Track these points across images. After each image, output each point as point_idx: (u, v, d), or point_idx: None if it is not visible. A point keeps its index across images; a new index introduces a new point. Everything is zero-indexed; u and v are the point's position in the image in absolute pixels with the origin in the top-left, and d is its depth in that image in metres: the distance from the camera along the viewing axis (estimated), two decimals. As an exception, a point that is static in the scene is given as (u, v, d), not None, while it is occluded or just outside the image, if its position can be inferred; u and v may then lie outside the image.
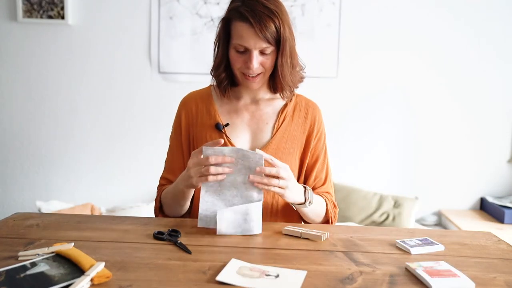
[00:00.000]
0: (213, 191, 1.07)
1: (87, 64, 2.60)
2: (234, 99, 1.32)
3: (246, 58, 1.18)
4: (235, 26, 1.18)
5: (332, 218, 1.28)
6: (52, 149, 2.65)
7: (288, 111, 1.31)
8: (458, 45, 2.59)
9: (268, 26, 1.14)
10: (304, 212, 1.20)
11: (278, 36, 1.16)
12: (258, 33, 1.14)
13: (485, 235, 1.11)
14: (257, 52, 1.17)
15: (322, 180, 1.31)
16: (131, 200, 2.64)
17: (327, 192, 1.31)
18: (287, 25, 1.18)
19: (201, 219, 1.08)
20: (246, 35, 1.15)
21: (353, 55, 2.59)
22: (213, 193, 1.07)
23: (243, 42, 1.16)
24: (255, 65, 1.18)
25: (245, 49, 1.18)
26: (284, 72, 1.22)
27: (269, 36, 1.15)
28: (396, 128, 2.66)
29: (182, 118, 1.32)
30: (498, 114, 2.64)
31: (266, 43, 1.16)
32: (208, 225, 1.08)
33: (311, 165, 1.31)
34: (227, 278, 0.79)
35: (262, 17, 1.13)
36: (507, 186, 2.68)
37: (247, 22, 1.14)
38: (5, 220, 1.14)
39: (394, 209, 2.43)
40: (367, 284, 0.80)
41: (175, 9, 2.56)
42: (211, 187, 1.07)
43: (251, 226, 1.04)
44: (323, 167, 1.32)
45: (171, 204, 1.24)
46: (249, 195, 1.06)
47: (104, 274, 0.78)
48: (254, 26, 1.13)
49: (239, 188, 1.06)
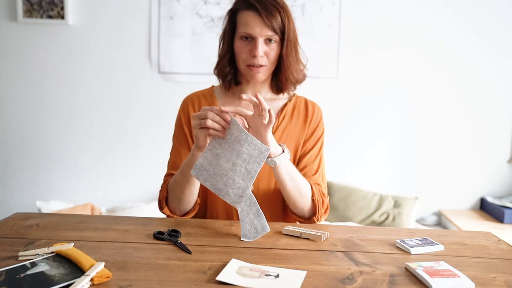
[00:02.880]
0: (216, 154, 1.07)
1: (87, 64, 2.60)
2: (236, 98, 1.33)
3: (252, 47, 1.21)
4: (241, 15, 1.21)
5: (319, 204, 1.21)
6: (52, 149, 2.66)
7: (287, 110, 1.32)
8: (458, 46, 2.59)
9: (274, 15, 1.18)
10: (282, 175, 1.14)
11: (283, 27, 1.20)
12: (264, 20, 1.17)
13: (485, 235, 1.11)
14: (263, 40, 1.20)
15: (313, 170, 1.28)
16: (131, 200, 2.65)
17: (317, 184, 1.27)
18: (291, 19, 1.23)
19: (195, 169, 1.08)
20: (252, 23, 1.18)
21: (353, 55, 2.59)
22: (215, 156, 1.07)
23: (249, 30, 1.19)
24: (260, 52, 1.19)
25: (250, 38, 1.20)
26: (289, 62, 1.24)
27: (275, 25, 1.18)
28: (396, 128, 2.66)
29: (186, 116, 1.33)
30: (498, 114, 2.64)
31: (272, 31, 1.19)
32: (197, 177, 1.08)
33: (303, 155, 1.30)
34: (227, 278, 0.79)
35: (268, 6, 1.18)
36: (507, 186, 2.68)
37: (253, 9, 1.18)
38: (5, 220, 1.14)
39: (394, 209, 2.43)
40: (367, 284, 0.80)
41: (175, 9, 2.56)
42: (215, 149, 1.07)
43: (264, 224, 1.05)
44: (316, 159, 1.30)
45: (181, 186, 1.19)
46: (240, 178, 1.05)
47: (104, 274, 0.78)
48: (261, 12, 1.17)
49: (236, 166, 1.05)
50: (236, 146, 1.05)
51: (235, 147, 1.05)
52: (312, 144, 1.31)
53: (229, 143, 1.06)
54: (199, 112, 1.06)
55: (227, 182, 1.07)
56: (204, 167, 1.08)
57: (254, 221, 1.04)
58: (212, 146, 1.08)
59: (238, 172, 1.06)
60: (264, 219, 1.04)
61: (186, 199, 1.21)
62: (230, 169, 1.06)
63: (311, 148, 1.31)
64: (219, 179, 1.07)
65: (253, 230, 1.03)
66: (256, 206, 1.05)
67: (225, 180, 1.07)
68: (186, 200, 1.21)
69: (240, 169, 1.06)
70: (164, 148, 1.50)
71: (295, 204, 1.20)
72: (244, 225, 1.04)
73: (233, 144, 1.06)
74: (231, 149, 1.06)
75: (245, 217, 1.05)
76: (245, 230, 1.04)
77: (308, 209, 1.22)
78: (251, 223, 1.04)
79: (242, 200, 1.06)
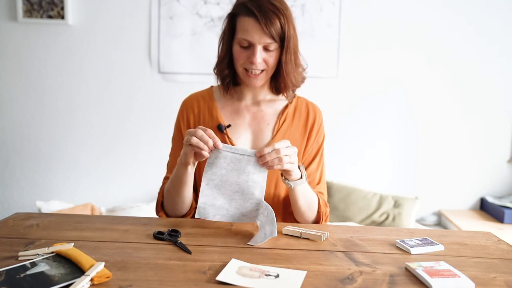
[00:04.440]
0: (214, 185, 1.07)
1: (87, 64, 2.60)
2: (236, 99, 1.33)
3: (250, 54, 1.19)
4: (240, 21, 1.19)
5: (323, 216, 1.25)
6: (52, 149, 2.66)
7: (288, 112, 1.31)
8: (458, 46, 2.59)
9: (274, 22, 1.16)
10: (297, 195, 1.16)
11: (283, 34, 1.18)
12: (263, 28, 1.15)
13: (485, 235, 1.11)
14: (261, 47, 1.19)
15: (316, 180, 1.31)
16: (131, 200, 2.65)
17: (320, 192, 1.30)
18: (291, 24, 1.21)
19: (199, 211, 1.08)
20: (251, 30, 1.17)
21: (353, 55, 2.59)
22: (214, 187, 1.07)
23: (248, 37, 1.17)
24: (258, 59, 1.18)
25: (249, 44, 1.19)
26: (288, 69, 1.23)
27: (274, 32, 1.17)
28: (396, 128, 2.66)
29: (185, 118, 1.32)
30: (498, 114, 2.64)
31: (270, 39, 1.17)
32: (205, 217, 1.08)
33: (306, 164, 1.31)
34: (227, 278, 0.79)
35: (268, 13, 1.16)
36: (507, 186, 2.68)
37: (253, 16, 1.16)
38: (5, 220, 1.14)
39: (394, 209, 2.43)
40: (367, 284, 0.80)
41: (175, 9, 2.56)
42: (212, 181, 1.07)
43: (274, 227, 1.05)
44: (318, 167, 1.32)
45: (172, 194, 1.20)
46: (250, 192, 1.06)
47: (104, 274, 0.78)
48: (260, 20, 1.15)
49: (241, 184, 1.06)
50: (235, 166, 1.05)
51: (234, 167, 1.05)
52: (314, 152, 1.31)
53: (225, 167, 1.05)
54: (192, 129, 1.06)
55: (237, 205, 1.06)
56: (208, 204, 1.06)
57: (266, 227, 1.03)
58: (207, 180, 1.06)
59: (245, 188, 1.05)
60: (276, 225, 1.02)
61: (180, 206, 1.22)
62: (237, 190, 1.05)
63: (314, 157, 1.31)
64: (227, 207, 1.06)
65: (262, 236, 1.01)
66: (272, 214, 1.03)
67: (234, 204, 1.06)
68: (180, 207, 1.23)
69: (247, 184, 1.05)
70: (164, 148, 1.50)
71: (303, 216, 1.23)
72: (259, 233, 1.02)
73: (230, 165, 1.05)
74: (230, 170, 1.05)
75: (262, 227, 1.03)
76: (256, 237, 1.02)
77: (312, 220, 1.26)
78: (264, 230, 1.03)
79: (259, 213, 1.06)
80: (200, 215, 1.07)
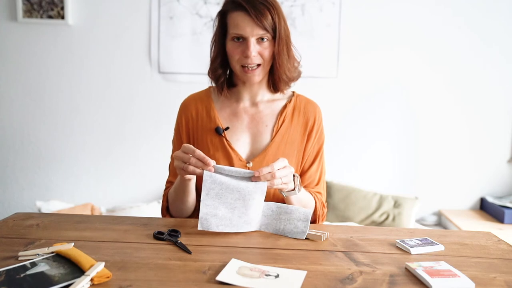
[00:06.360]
0: (215, 194, 1.04)
1: (87, 64, 2.60)
2: (234, 101, 1.32)
3: (244, 48, 1.19)
4: (231, 17, 1.20)
5: (319, 217, 1.27)
6: (52, 149, 2.66)
7: (287, 112, 1.30)
8: (458, 46, 2.59)
9: (264, 14, 1.17)
10: (291, 201, 1.17)
11: (274, 25, 1.19)
12: (254, 20, 1.16)
13: (485, 235, 1.11)
14: (254, 40, 1.19)
15: (315, 180, 1.31)
16: (131, 200, 2.65)
17: (318, 192, 1.30)
18: (281, 15, 1.21)
19: (201, 223, 1.03)
20: (243, 23, 1.17)
21: (353, 55, 2.59)
22: (215, 196, 1.04)
23: (240, 30, 1.18)
24: (252, 52, 1.18)
25: (242, 39, 1.19)
26: (281, 60, 1.22)
27: (266, 23, 1.17)
28: (396, 128, 2.66)
29: (183, 122, 1.32)
30: (498, 114, 2.64)
31: (263, 30, 1.18)
32: (208, 228, 1.03)
33: (307, 165, 1.31)
34: (227, 278, 0.79)
35: (257, 5, 1.17)
36: (507, 186, 2.68)
37: (243, 10, 1.17)
38: (5, 220, 1.14)
39: (394, 209, 2.43)
40: (367, 284, 0.80)
41: (175, 9, 2.56)
42: (212, 190, 1.04)
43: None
44: (318, 168, 1.32)
45: (176, 200, 1.23)
46: (251, 197, 1.06)
47: (104, 274, 0.78)
48: (250, 12, 1.16)
49: (242, 191, 1.04)
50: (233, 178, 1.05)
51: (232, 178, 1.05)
52: (315, 153, 1.31)
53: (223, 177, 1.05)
54: (181, 154, 1.04)
55: (239, 214, 1.05)
56: (210, 214, 1.04)
57: (298, 224, 1.06)
58: (207, 189, 1.04)
59: (247, 194, 1.04)
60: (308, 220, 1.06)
61: (184, 206, 1.24)
62: (238, 198, 1.04)
63: (314, 158, 1.31)
64: (230, 216, 1.05)
65: (303, 227, 1.05)
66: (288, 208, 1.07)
67: (237, 213, 1.05)
68: (185, 207, 1.24)
69: (248, 190, 1.04)
70: (164, 148, 1.51)
71: None
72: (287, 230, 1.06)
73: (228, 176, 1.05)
74: (231, 179, 1.05)
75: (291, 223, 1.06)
76: (289, 232, 1.06)
77: None
78: (295, 225, 1.06)
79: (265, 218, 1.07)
80: (203, 227, 1.03)
